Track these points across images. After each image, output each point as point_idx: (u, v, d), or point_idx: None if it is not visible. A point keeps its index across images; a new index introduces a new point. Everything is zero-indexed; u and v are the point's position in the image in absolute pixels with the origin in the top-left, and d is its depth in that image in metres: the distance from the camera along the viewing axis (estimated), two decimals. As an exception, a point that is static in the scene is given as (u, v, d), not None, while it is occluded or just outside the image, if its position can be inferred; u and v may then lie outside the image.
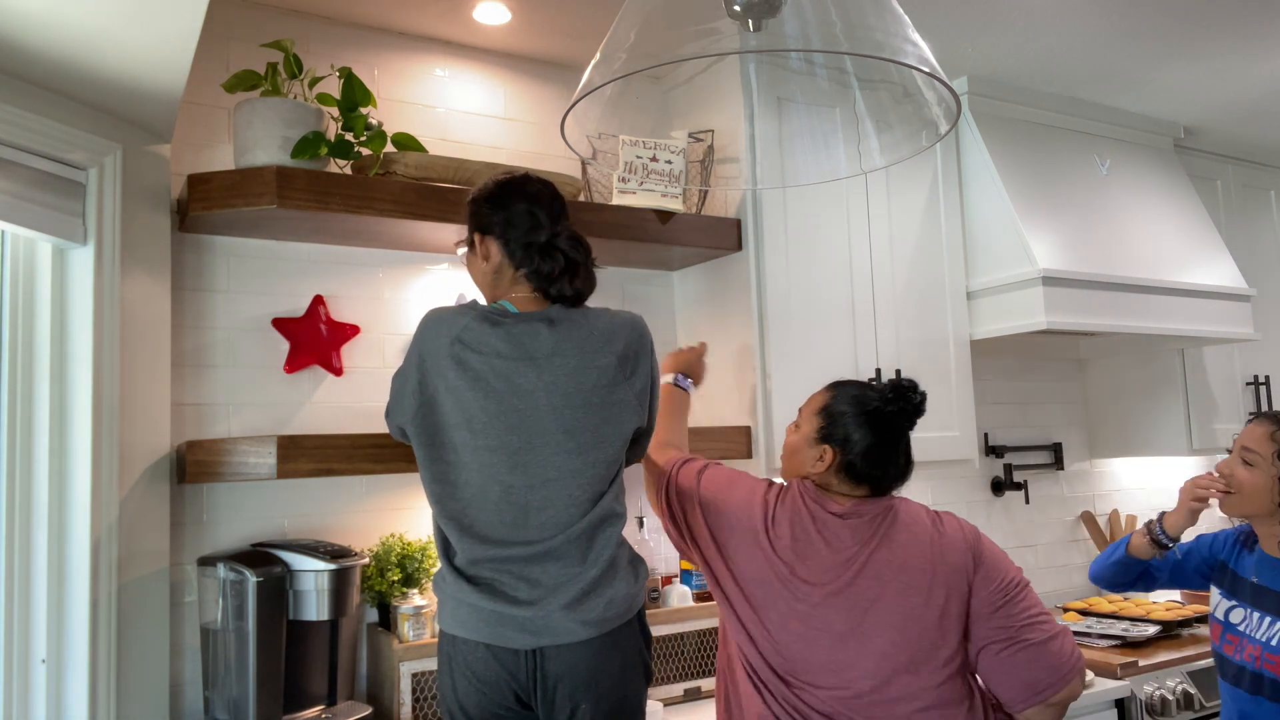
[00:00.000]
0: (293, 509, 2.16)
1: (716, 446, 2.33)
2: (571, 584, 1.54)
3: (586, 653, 1.53)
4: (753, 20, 1.19)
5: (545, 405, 1.56)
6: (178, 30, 1.55)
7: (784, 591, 1.59)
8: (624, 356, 1.63)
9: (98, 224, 1.87)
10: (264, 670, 1.85)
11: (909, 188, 2.72)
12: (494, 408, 1.55)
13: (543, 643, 1.51)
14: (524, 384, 1.56)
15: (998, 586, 1.60)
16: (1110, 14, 2.47)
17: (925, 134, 1.46)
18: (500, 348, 1.57)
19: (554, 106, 2.62)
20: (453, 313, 1.62)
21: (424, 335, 1.61)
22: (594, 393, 1.59)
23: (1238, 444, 1.92)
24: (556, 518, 1.55)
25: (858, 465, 1.65)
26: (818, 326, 2.49)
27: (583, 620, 1.53)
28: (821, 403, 1.73)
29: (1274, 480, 1.85)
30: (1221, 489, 1.93)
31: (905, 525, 1.66)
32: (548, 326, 1.60)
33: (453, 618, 1.56)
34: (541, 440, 1.56)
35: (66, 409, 1.84)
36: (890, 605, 1.55)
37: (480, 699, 1.55)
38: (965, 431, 2.71)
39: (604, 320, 1.65)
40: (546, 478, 1.56)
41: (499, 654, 1.53)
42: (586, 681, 1.53)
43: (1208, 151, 3.53)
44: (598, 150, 2.36)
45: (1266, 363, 3.47)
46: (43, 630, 1.78)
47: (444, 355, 1.57)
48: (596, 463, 1.59)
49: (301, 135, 1.96)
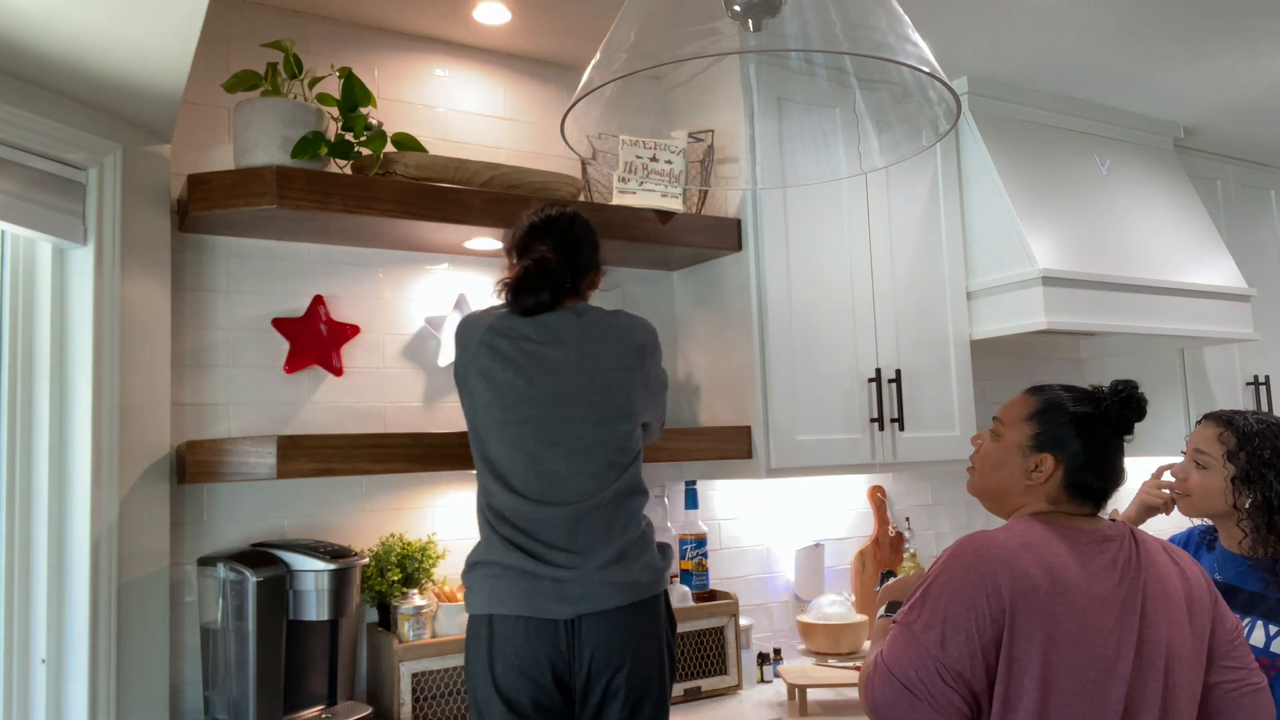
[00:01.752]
0: (293, 509, 2.16)
1: (716, 447, 2.33)
2: (606, 546, 1.68)
3: (621, 621, 1.65)
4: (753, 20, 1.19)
5: (574, 381, 1.73)
6: (178, 30, 1.55)
7: (1078, 656, 1.29)
8: (641, 348, 1.82)
9: (98, 224, 1.87)
10: (264, 670, 1.85)
11: (909, 188, 2.72)
12: (523, 384, 1.72)
13: (580, 610, 1.63)
14: (552, 362, 1.73)
15: (1233, 624, 1.43)
16: (1110, 14, 2.47)
17: (925, 134, 1.46)
18: (530, 333, 1.76)
19: (554, 106, 2.62)
20: (487, 311, 1.82)
21: (462, 332, 1.81)
22: (616, 373, 1.77)
23: (1189, 446, 1.90)
24: (584, 486, 1.70)
25: (1087, 478, 1.41)
26: (818, 326, 2.49)
27: (617, 583, 1.66)
28: (1034, 406, 1.48)
29: (1227, 481, 1.82)
30: (1177, 493, 1.91)
31: (1149, 550, 1.41)
32: (576, 316, 1.79)
33: (490, 596, 1.66)
34: (569, 411, 1.72)
35: (66, 409, 1.84)
36: (1166, 644, 1.33)
37: (519, 680, 1.62)
38: (965, 431, 2.71)
39: (624, 316, 1.85)
40: (573, 448, 1.71)
41: (539, 627, 1.63)
42: (620, 650, 1.64)
43: (1208, 151, 3.53)
44: (598, 150, 2.36)
45: (1266, 363, 3.47)
46: (43, 630, 1.78)
47: (478, 343, 1.76)
48: (620, 435, 1.75)
49: (301, 135, 1.96)
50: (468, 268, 2.43)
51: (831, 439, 2.47)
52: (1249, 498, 1.80)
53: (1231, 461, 1.83)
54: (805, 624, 2.66)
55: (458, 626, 2.12)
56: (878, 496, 2.99)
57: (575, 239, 1.84)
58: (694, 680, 2.33)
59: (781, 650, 2.63)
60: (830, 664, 2.51)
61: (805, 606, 2.80)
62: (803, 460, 2.41)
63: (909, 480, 3.10)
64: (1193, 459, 1.89)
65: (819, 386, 2.48)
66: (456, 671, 2.07)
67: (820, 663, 2.59)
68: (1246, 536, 1.82)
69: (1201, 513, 1.89)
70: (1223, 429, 1.86)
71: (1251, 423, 1.84)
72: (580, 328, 1.77)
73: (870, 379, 2.55)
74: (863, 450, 2.51)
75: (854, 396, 2.52)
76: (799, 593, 2.80)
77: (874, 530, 2.97)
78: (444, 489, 2.34)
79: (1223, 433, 1.85)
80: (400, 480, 2.29)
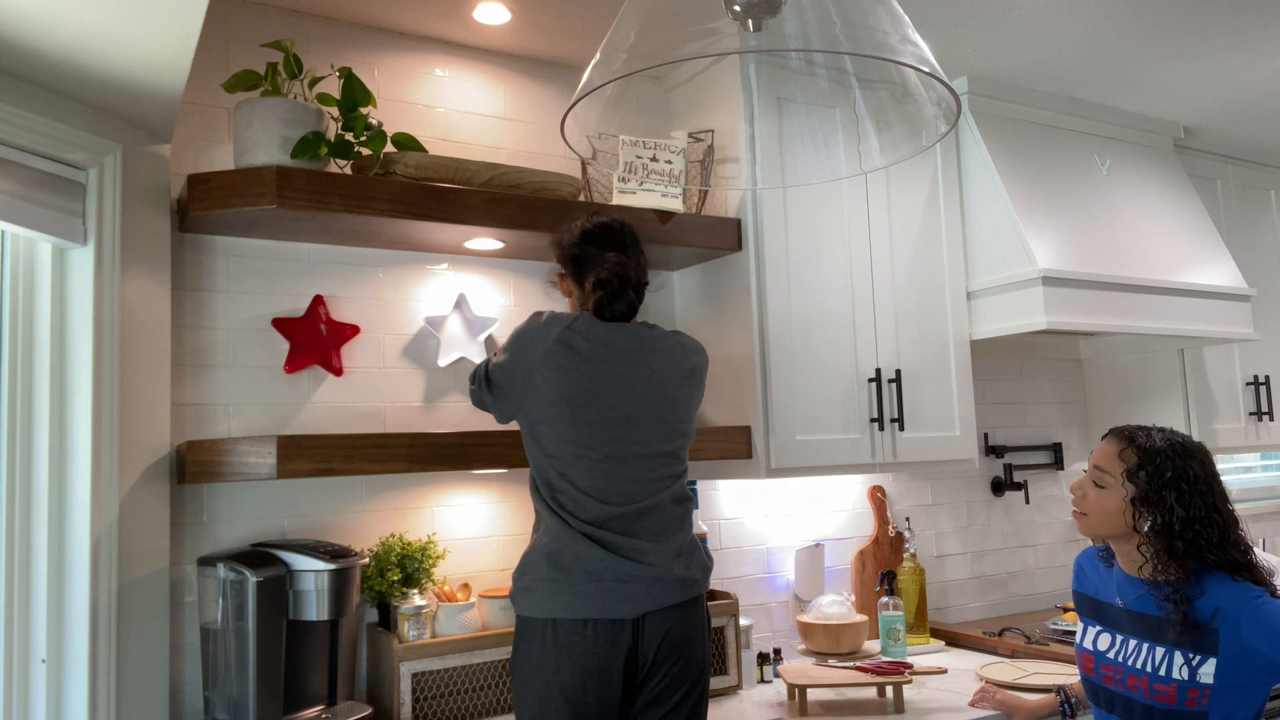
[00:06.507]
0: (293, 509, 2.16)
1: (716, 447, 2.33)
2: (666, 543, 1.77)
3: (680, 615, 1.75)
4: (753, 20, 1.19)
5: (642, 391, 1.80)
6: (178, 30, 1.55)
7: None
8: (697, 369, 1.92)
9: (98, 224, 1.87)
10: (264, 670, 1.85)
11: (909, 188, 2.72)
12: (596, 387, 1.77)
13: (646, 609, 1.71)
14: (629, 369, 1.80)
15: None
16: (1110, 14, 2.47)
17: (925, 134, 1.46)
18: (607, 338, 1.81)
19: (554, 106, 2.62)
20: (560, 314, 1.85)
21: (532, 328, 1.81)
22: (679, 389, 1.86)
23: (1090, 462, 1.81)
24: (644, 489, 1.78)
25: None
26: (818, 326, 2.49)
27: (679, 579, 1.75)
28: None
29: (1126, 503, 1.73)
30: (1075, 512, 1.83)
31: None
32: (648, 329, 1.87)
33: (553, 600, 1.70)
34: (639, 419, 1.79)
35: (66, 409, 1.84)
36: None
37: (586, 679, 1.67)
38: (965, 431, 2.71)
39: (685, 338, 1.94)
40: (636, 453, 1.78)
41: (606, 628, 1.69)
42: (678, 643, 1.74)
43: (1208, 151, 3.53)
44: (598, 150, 2.36)
45: (1266, 363, 3.47)
46: (43, 630, 1.78)
47: (554, 341, 1.78)
48: (677, 448, 1.85)
49: (301, 135, 1.96)
50: (468, 268, 2.43)
51: (831, 439, 2.47)
52: (1148, 520, 1.72)
53: (1131, 481, 1.73)
54: (805, 624, 2.66)
55: (458, 626, 2.12)
56: (878, 496, 2.99)
57: (631, 244, 1.91)
58: (694, 680, 2.33)
59: (781, 650, 2.63)
60: (830, 664, 2.51)
61: (805, 606, 2.80)
62: (803, 460, 2.41)
63: (909, 480, 3.10)
64: (1091, 477, 1.81)
65: (819, 386, 2.48)
66: (456, 671, 2.08)
67: (820, 663, 2.59)
68: (1147, 561, 1.74)
69: (1098, 534, 1.80)
70: (1124, 446, 1.77)
71: (1156, 440, 1.75)
72: (653, 340, 1.86)
73: (870, 379, 2.55)
74: (863, 450, 2.51)
75: (854, 396, 2.52)
76: (799, 593, 2.80)
77: (874, 530, 2.97)
78: (444, 489, 2.34)
79: (1124, 450, 1.76)
80: (400, 480, 2.29)
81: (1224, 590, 1.68)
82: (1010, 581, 3.29)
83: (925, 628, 2.81)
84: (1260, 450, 3.41)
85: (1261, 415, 3.39)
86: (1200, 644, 1.68)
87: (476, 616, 2.17)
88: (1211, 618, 1.67)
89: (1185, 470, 1.71)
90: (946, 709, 2.19)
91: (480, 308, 2.42)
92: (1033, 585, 3.34)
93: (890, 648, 2.62)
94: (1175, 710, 1.69)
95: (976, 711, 2.14)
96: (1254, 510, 3.91)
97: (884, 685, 2.25)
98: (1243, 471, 4.07)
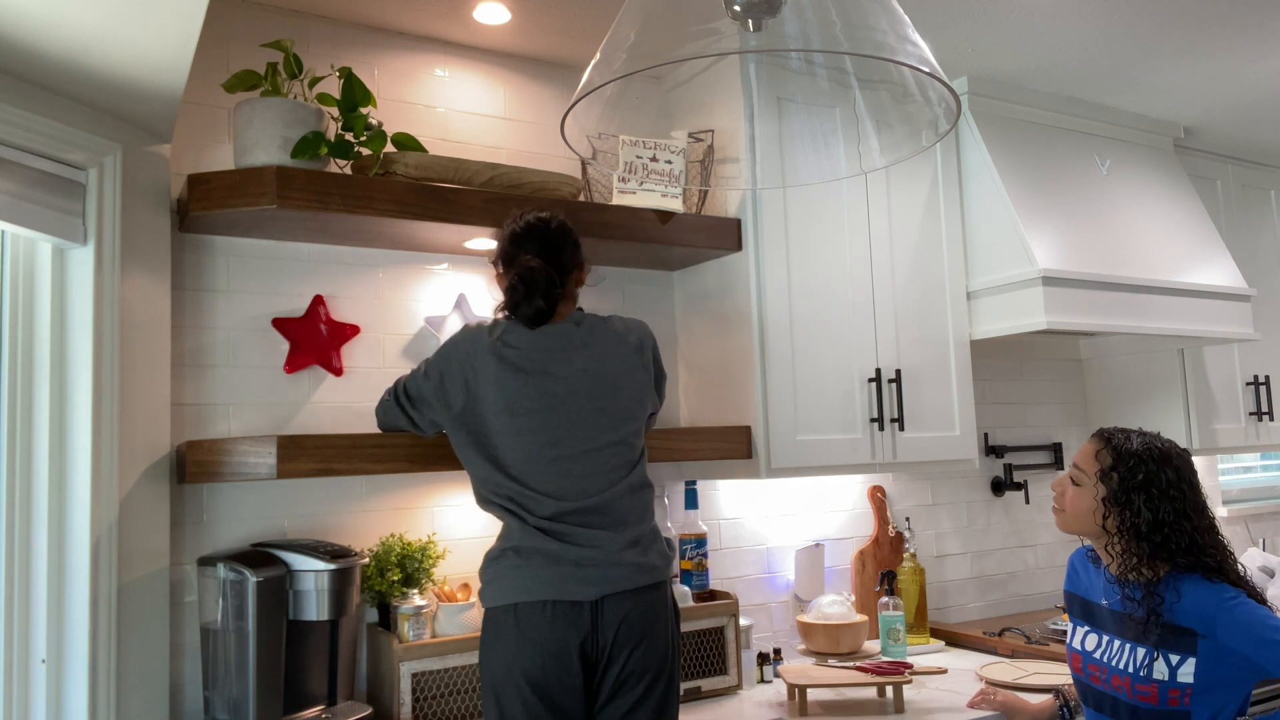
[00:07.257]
0: (293, 509, 2.16)
1: (716, 447, 2.33)
2: (623, 533, 1.78)
3: (639, 600, 1.75)
4: (753, 20, 1.19)
5: (579, 387, 1.81)
6: (178, 30, 1.55)
7: None
8: (639, 345, 1.91)
9: (98, 224, 1.87)
10: (264, 670, 1.85)
11: (909, 188, 2.72)
12: (533, 392, 1.79)
13: (604, 591, 1.72)
14: (559, 370, 1.81)
15: None
16: (1110, 14, 2.47)
17: (925, 134, 1.46)
18: (537, 342, 1.83)
19: (554, 106, 2.62)
20: (489, 324, 1.87)
21: (464, 340, 1.84)
22: (619, 375, 1.85)
23: (1072, 460, 1.84)
24: (599, 482, 1.79)
25: None
26: (818, 326, 2.49)
27: (636, 564, 1.76)
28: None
29: (1099, 501, 1.77)
30: (1054, 508, 1.87)
31: None
32: (575, 326, 1.87)
33: (515, 585, 1.72)
34: (579, 416, 1.80)
35: (66, 409, 1.84)
36: None
37: (547, 662, 1.68)
38: (965, 431, 2.71)
39: (619, 320, 1.94)
40: (585, 449, 1.79)
41: (565, 610, 1.70)
42: (638, 627, 1.74)
43: (1208, 151, 3.53)
44: (598, 150, 2.36)
45: (1266, 363, 3.47)
46: (43, 630, 1.78)
47: (486, 353, 1.80)
48: (627, 435, 1.84)
49: (301, 135, 1.96)
50: (468, 268, 2.43)
51: (831, 439, 2.47)
52: (1116, 520, 1.75)
53: (1104, 481, 1.77)
54: (805, 624, 2.66)
55: (458, 626, 2.12)
56: (878, 496, 2.99)
57: (554, 241, 1.87)
58: (694, 680, 2.33)
59: (781, 650, 2.63)
60: (830, 664, 2.51)
61: (805, 606, 2.80)
62: (803, 460, 2.41)
63: (909, 480, 3.11)
64: (1069, 475, 1.84)
65: (819, 386, 2.48)
66: (456, 671, 2.08)
67: (820, 663, 2.59)
68: (1114, 560, 1.78)
69: (1073, 531, 1.84)
70: (1101, 447, 1.80)
71: (1134, 443, 1.77)
72: (581, 335, 1.86)
73: (870, 379, 2.55)
74: (863, 450, 2.51)
75: (854, 396, 2.52)
76: (799, 593, 2.80)
77: (874, 530, 2.97)
78: (444, 489, 2.34)
79: (1100, 450, 1.80)
80: (400, 480, 2.29)
81: (1200, 592, 1.70)
82: (1010, 581, 3.29)
83: (925, 628, 2.81)
84: (1260, 450, 3.41)
85: (1261, 415, 3.39)
86: (1179, 645, 1.70)
87: (476, 616, 2.17)
88: (1189, 619, 1.70)
89: (1157, 475, 1.74)
90: (946, 709, 2.19)
91: (480, 308, 2.42)
92: (1033, 585, 3.34)
93: (890, 648, 2.62)
94: (1158, 710, 1.71)
95: (976, 712, 2.14)
96: (1254, 510, 3.91)
97: (884, 685, 2.25)
98: (1243, 471, 4.07)
